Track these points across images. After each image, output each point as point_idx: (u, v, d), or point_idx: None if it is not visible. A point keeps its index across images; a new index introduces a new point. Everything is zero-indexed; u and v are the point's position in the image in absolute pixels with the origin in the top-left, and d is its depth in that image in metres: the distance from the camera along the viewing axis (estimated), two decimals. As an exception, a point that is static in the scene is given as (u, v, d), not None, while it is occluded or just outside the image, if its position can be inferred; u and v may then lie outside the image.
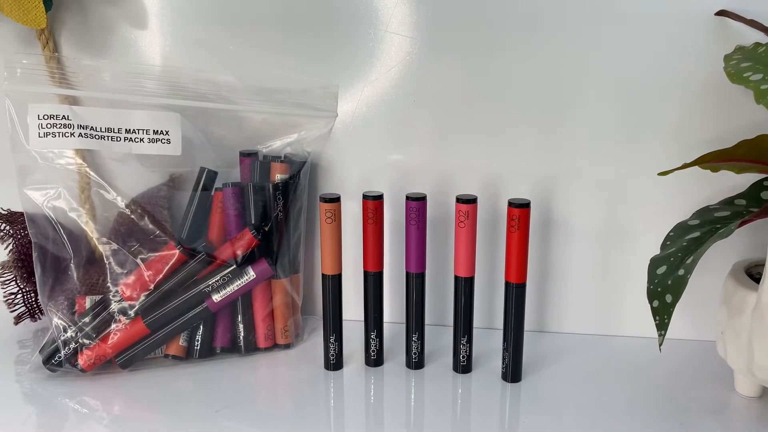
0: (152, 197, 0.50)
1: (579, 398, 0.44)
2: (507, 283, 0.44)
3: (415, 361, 0.47)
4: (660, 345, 0.38)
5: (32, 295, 0.52)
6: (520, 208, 0.42)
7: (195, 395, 0.44)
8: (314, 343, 0.52)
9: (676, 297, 0.38)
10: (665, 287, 0.38)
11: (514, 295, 0.44)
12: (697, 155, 0.41)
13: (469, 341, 0.46)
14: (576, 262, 0.51)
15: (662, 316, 0.38)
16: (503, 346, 0.46)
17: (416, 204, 0.44)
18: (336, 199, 0.44)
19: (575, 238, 0.51)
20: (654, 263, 0.40)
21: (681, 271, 0.38)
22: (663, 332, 0.38)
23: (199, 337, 0.48)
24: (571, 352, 0.50)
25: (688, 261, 0.38)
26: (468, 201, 0.43)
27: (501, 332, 0.46)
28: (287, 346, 0.50)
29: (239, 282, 0.47)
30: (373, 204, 0.44)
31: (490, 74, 0.48)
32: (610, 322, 0.52)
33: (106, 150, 0.46)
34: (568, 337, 0.52)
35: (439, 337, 0.52)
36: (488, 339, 0.52)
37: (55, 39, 0.49)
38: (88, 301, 0.47)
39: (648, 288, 0.39)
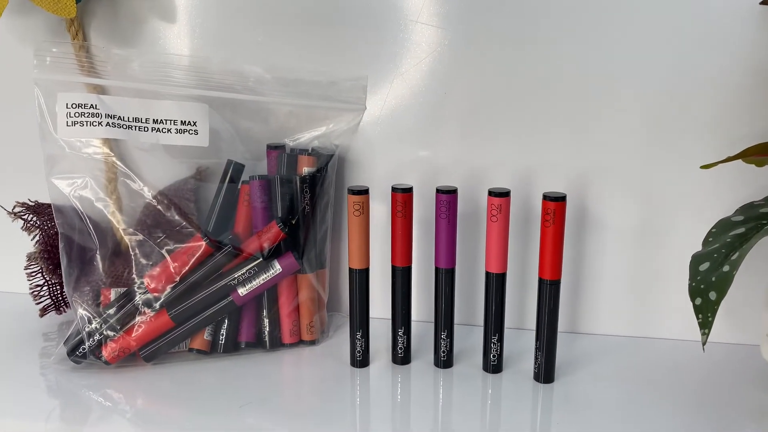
0: (179, 189, 0.50)
1: (614, 401, 0.42)
2: (541, 280, 0.43)
3: (444, 359, 0.46)
4: (704, 344, 0.36)
5: (58, 287, 0.52)
6: (555, 202, 0.41)
7: (219, 390, 0.44)
8: (340, 341, 0.50)
9: (721, 294, 0.36)
10: (708, 284, 0.37)
11: (549, 292, 0.43)
12: (736, 151, 0.39)
13: (500, 340, 0.45)
14: (610, 261, 0.50)
15: (705, 313, 0.36)
16: (536, 345, 0.44)
17: (447, 197, 0.43)
18: (364, 191, 0.43)
19: (609, 236, 0.49)
20: (696, 260, 0.39)
21: (726, 268, 0.36)
22: (706, 330, 0.36)
23: (223, 332, 0.47)
24: (605, 353, 0.48)
25: (734, 257, 0.37)
26: (501, 194, 0.42)
27: (531, 333, 0.45)
28: (312, 343, 0.49)
29: (265, 276, 0.46)
30: (403, 197, 0.43)
31: (523, 67, 0.47)
32: (645, 323, 0.50)
33: (133, 140, 0.45)
34: (602, 338, 0.51)
35: (468, 336, 0.51)
36: (518, 339, 0.50)
37: (84, 30, 0.49)
38: (113, 293, 0.46)
39: (690, 285, 0.38)
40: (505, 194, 0.42)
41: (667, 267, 0.49)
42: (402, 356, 0.47)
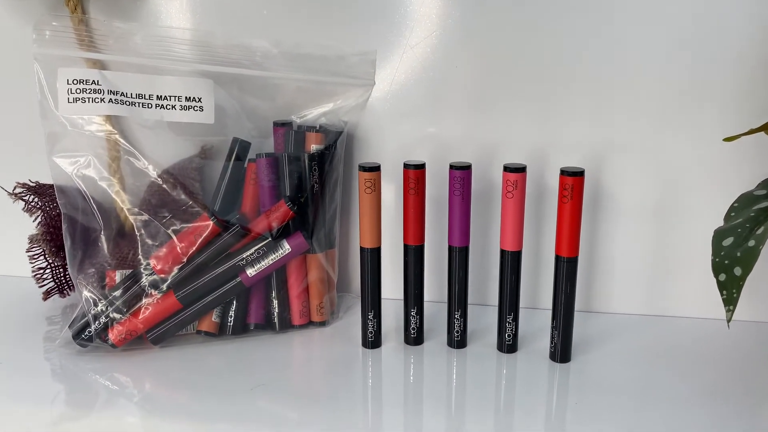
0: (184, 168, 0.48)
1: (632, 381, 0.41)
2: (557, 258, 0.42)
3: (458, 339, 0.45)
4: (729, 321, 0.35)
5: (61, 270, 0.50)
6: (573, 177, 0.40)
7: (228, 373, 0.43)
8: (350, 322, 0.50)
9: (747, 269, 0.35)
10: (733, 259, 0.36)
11: (565, 270, 0.42)
12: (758, 124, 0.38)
13: (515, 319, 0.44)
14: (626, 238, 0.49)
15: (730, 289, 0.35)
16: (552, 324, 0.43)
17: (461, 173, 0.42)
18: (376, 168, 0.42)
19: (625, 212, 0.48)
20: (719, 235, 0.37)
21: (751, 242, 0.35)
22: (731, 307, 0.35)
23: (232, 313, 0.46)
24: (622, 332, 0.47)
25: (759, 231, 0.36)
26: (517, 170, 0.41)
27: (544, 312, 0.44)
28: (322, 324, 0.48)
29: (274, 256, 0.45)
30: (415, 173, 0.42)
31: (537, 40, 0.46)
32: (663, 301, 0.49)
33: (136, 117, 0.44)
34: (618, 317, 0.50)
35: (481, 316, 0.50)
36: (532, 318, 0.49)
37: (83, 3, 0.47)
38: (119, 275, 0.45)
39: (713, 261, 0.37)
40: (521, 170, 0.41)
41: (685, 243, 0.48)
42: (415, 337, 0.46)
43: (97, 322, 0.44)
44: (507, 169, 0.41)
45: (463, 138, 0.48)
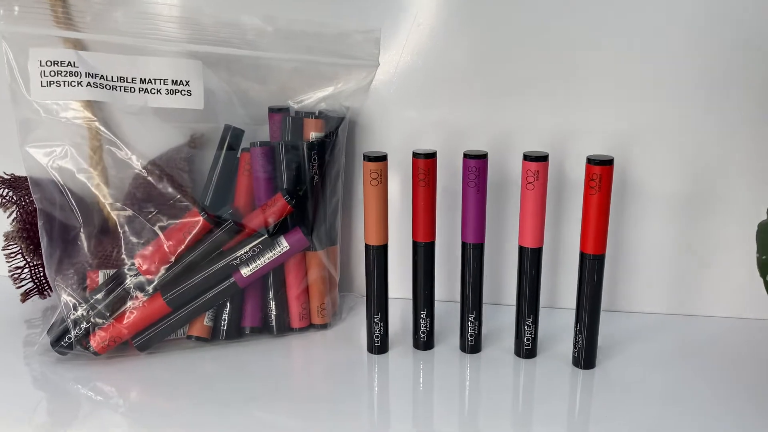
0: (171, 159, 0.44)
1: (663, 388, 0.38)
2: (582, 255, 0.38)
3: (471, 344, 0.41)
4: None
5: (40, 269, 0.47)
6: (601, 166, 0.36)
7: (221, 381, 0.39)
8: (354, 324, 0.46)
9: (800, 269, 0.31)
10: (783, 258, 0.32)
11: (591, 269, 0.38)
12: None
13: (535, 321, 0.40)
14: (653, 231, 0.45)
15: (780, 292, 0.32)
16: (576, 327, 0.39)
17: (476, 163, 0.38)
18: (382, 158, 0.38)
19: (653, 203, 0.44)
20: (764, 230, 0.34)
21: (804, 239, 0.32)
22: (783, 311, 0.31)
23: (225, 316, 0.43)
24: (650, 333, 0.44)
25: (813, 226, 0.32)
26: (538, 158, 0.37)
27: (564, 312, 0.40)
28: (324, 327, 0.45)
29: (271, 254, 0.41)
30: (426, 163, 0.38)
31: (557, 16, 0.42)
32: (692, 299, 0.46)
33: (118, 102, 0.40)
34: (645, 317, 0.46)
35: (495, 317, 0.46)
36: (551, 319, 0.46)
37: (59, -22, 0.43)
38: (101, 276, 0.41)
39: (759, 259, 0.33)
40: (542, 158, 0.37)
41: (717, 236, 0.44)
42: (425, 341, 0.42)
43: (77, 328, 0.40)
44: (528, 157, 0.37)
45: (476, 125, 0.45)
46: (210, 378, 0.39)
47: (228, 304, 0.43)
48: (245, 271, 0.41)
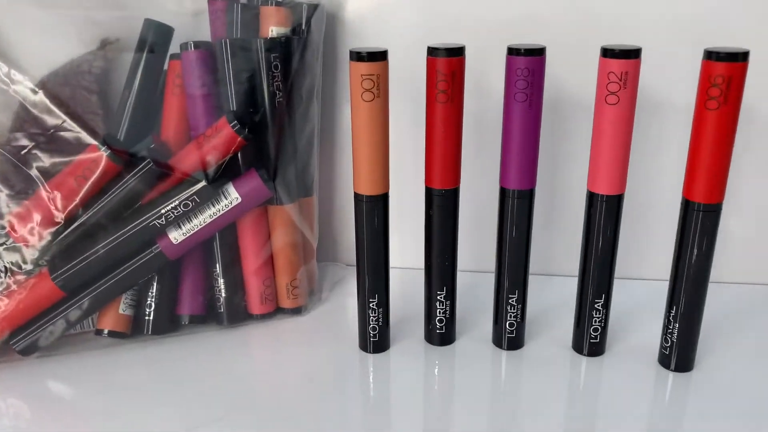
0: (71, 75, 0.30)
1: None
2: (687, 204, 0.25)
3: (511, 336, 0.29)
4: None
5: None
6: (733, 62, 0.22)
7: (147, 392, 0.26)
8: (339, 307, 0.33)
9: None
10: None
11: (702, 224, 0.25)
12: None
13: (606, 304, 0.27)
14: (761, 175, 0.32)
15: None
16: (668, 314, 0.27)
17: (529, 62, 0.24)
18: (380, 56, 0.24)
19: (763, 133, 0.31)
20: None
21: None
22: None
23: (151, 301, 0.29)
24: (757, 312, 0.31)
25: None
26: (627, 54, 0.23)
27: (637, 284, 0.27)
28: (297, 312, 0.32)
29: (214, 210, 0.28)
30: (449, 64, 0.24)
31: None
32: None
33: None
34: (743, 289, 0.34)
35: (542, 293, 0.33)
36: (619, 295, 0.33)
37: None
38: (-41, 246, 0.27)
39: None
40: (633, 54, 0.24)
41: None
42: (442, 332, 0.29)
43: None
44: (609, 53, 0.24)
45: (513, 15, 0.31)
46: (130, 391, 0.27)
47: (154, 284, 0.29)
48: (176, 236, 0.28)
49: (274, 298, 0.31)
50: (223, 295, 0.30)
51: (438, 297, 0.28)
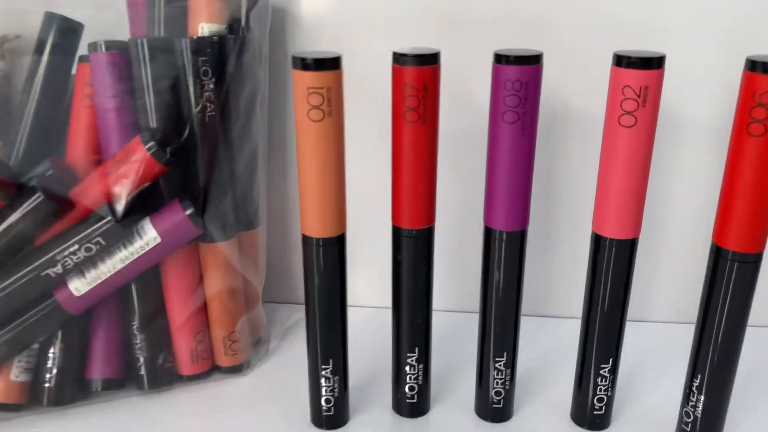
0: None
1: None
2: (719, 252, 0.20)
3: (497, 405, 0.23)
4: None
5: None
6: (790, 75, 0.17)
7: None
8: (290, 359, 0.27)
9: None
10: None
11: (737, 276, 0.20)
12: None
13: (614, 369, 0.22)
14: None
15: None
16: (691, 381, 0.22)
17: (520, 72, 0.19)
18: (332, 64, 0.19)
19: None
20: None
21: None
22: None
23: (52, 365, 0.24)
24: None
25: None
26: (647, 64, 0.18)
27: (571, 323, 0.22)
28: (236, 370, 0.26)
29: (126, 253, 0.22)
30: (420, 74, 0.19)
31: None
32: None
33: None
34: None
35: (535, 339, 0.28)
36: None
37: None
38: None
39: None
40: (656, 63, 0.18)
41: None
42: (413, 401, 0.24)
43: None
44: (625, 61, 0.18)
45: (503, 11, 0.25)
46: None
47: (56, 344, 0.23)
48: (78, 286, 0.22)
49: (209, 355, 0.25)
50: (144, 354, 0.24)
51: (408, 360, 0.23)
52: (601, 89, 0.20)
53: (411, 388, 0.23)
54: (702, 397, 0.21)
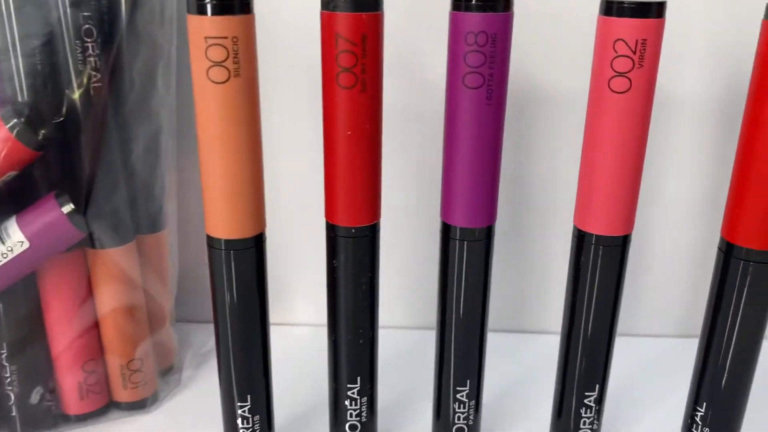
0: None
1: None
2: (730, 248, 0.16)
3: (459, 443, 0.19)
4: None
5: None
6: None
7: None
8: (206, 390, 0.22)
9: None
10: None
11: (751, 278, 0.16)
12: None
13: (600, 398, 0.18)
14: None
15: None
16: (693, 410, 0.18)
17: (486, 21, 0.15)
18: (241, 6, 0.14)
19: None
20: None
21: None
22: None
23: None
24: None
25: None
26: (644, 10, 0.14)
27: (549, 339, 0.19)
28: (139, 406, 0.21)
29: (-20, 261, 0.17)
30: (358, 22, 0.15)
31: None
32: None
33: None
34: None
35: (505, 362, 0.24)
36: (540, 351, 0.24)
37: None
38: None
39: None
40: (655, 10, 0.14)
41: None
42: (357, 441, 0.19)
43: None
44: (617, 8, 0.14)
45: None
46: None
47: None
48: None
49: (103, 388, 0.20)
50: (15, 390, 0.19)
51: (349, 393, 0.18)
52: (586, 47, 0.16)
53: (352, 427, 0.19)
54: (707, 430, 0.18)
